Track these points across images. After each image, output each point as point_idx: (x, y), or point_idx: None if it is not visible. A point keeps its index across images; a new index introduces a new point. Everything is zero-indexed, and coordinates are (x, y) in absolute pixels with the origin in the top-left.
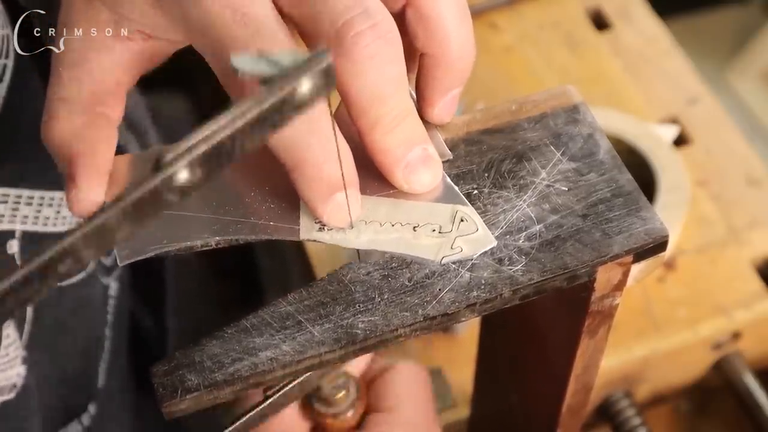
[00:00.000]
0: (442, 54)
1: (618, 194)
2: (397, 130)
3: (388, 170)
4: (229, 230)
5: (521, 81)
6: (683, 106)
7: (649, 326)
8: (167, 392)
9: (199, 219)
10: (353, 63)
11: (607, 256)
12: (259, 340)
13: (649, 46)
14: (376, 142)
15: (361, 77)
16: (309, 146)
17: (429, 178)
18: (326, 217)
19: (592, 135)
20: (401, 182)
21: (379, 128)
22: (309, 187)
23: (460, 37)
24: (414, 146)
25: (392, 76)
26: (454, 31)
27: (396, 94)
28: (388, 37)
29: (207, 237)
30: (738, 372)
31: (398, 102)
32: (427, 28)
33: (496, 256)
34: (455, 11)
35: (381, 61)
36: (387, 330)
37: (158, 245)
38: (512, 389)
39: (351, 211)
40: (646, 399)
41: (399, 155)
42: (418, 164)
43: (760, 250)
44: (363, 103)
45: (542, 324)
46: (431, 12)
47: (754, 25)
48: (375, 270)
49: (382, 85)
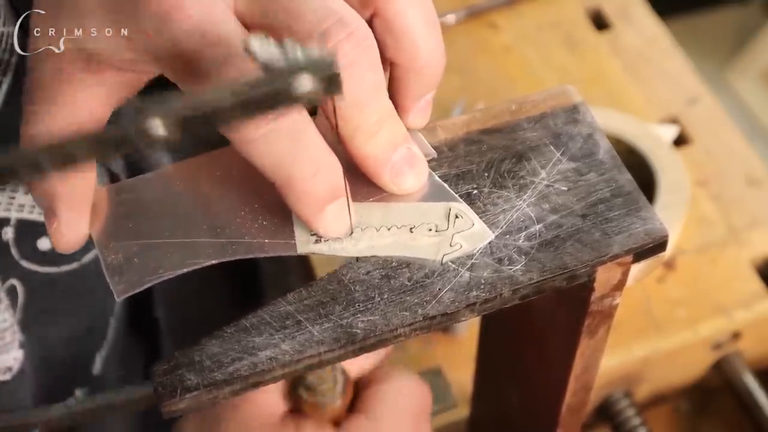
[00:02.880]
0: (411, 63)
1: (618, 194)
2: (379, 134)
3: (374, 174)
4: (224, 252)
5: (521, 81)
6: (683, 106)
7: (649, 326)
8: (166, 392)
9: (193, 245)
10: None
11: (606, 256)
12: (258, 339)
13: (649, 46)
14: (359, 149)
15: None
16: (295, 161)
17: (415, 177)
18: (322, 230)
19: (592, 135)
20: (389, 185)
21: (360, 134)
22: (300, 202)
23: (429, 45)
24: (397, 147)
25: (370, 83)
26: (422, 39)
27: (375, 100)
28: (365, 45)
29: (202, 261)
30: (738, 372)
31: (377, 107)
32: (395, 39)
33: (495, 255)
34: (422, 20)
35: (359, 69)
36: (386, 329)
37: (154, 275)
38: (512, 389)
39: (345, 220)
40: (646, 399)
41: (383, 159)
42: (404, 165)
43: (760, 250)
44: (343, 112)
45: (542, 324)
46: (398, 23)
47: (754, 25)
48: (375, 269)
49: (361, 93)
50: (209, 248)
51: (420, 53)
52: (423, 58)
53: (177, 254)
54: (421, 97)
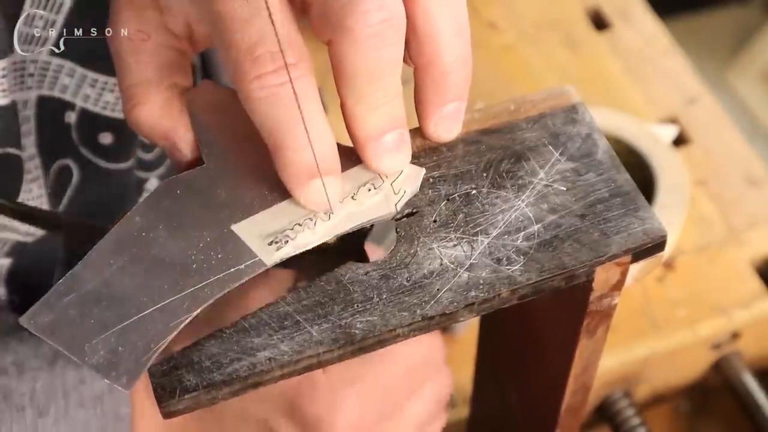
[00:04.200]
0: (430, 67)
1: (616, 194)
2: (381, 109)
3: (360, 146)
4: (201, 299)
5: (520, 81)
6: (683, 106)
7: (649, 326)
8: (165, 392)
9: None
10: (354, 39)
11: (605, 256)
12: (257, 340)
13: (648, 46)
14: (356, 117)
15: (360, 54)
16: (289, 131)
17: (399, 161)
18: (302, 200)
19: (591, 135)
20: (370, 160)
21: (364, 104)
22: (285, 171)
23: (452, 52)
24: (393, 128)
25: (388, 59)
26: (445, 44)
27: (389, 76)
28: (394, 22)
29: (185, 317)
30: (737, 372)
31: (387, 84)
32: (417, 39)
33: (494, 255)
34: (448, 24)
35: (382, 41)
36: (385, 330)
37: (148, 352)
38: (511, 389)
39: (330, 197)
40: (645, 399)
41: (375, 134)
42: (393, 147)
43: (760, 250)
44: (355, 78)
45: (541, 324)
46: (422, 23)
47: (754, 25)
48: (373, 270)
49: (377, 65)
50: (184, 303)
51: (440, 58)
52: (444, 63)
53: (156, 323)
54: (442, 105)
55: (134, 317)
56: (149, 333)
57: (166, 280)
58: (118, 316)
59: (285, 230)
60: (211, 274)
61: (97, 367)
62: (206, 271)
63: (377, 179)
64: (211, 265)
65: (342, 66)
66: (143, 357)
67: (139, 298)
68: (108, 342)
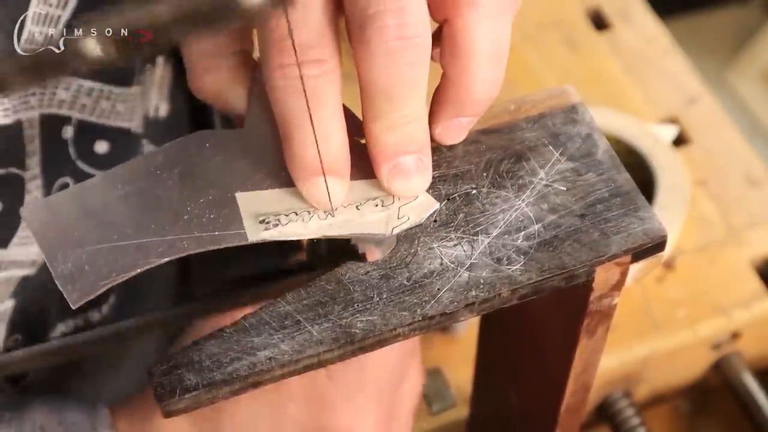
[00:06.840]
0: (458, 80)
1: (616, 194)
2: (398, 131)
3: (374, 161)
4: (176, 249)
5: (520, 81)
6: (683, 106)
7: (649, 326)
8: (166, 392)
9: (143, 245)
10: (368, 53)
11: (605, 256)
12: (257, 339)
13: (648, 46)
14: (372, 133)
15: (375, 70)
16: (300, 125)
17: (413, 186)
18: (304, 194)
19: (591, 135)
20: (382, 179)
21: (380, 122)
22: (291, 162)
23: (483, 74)
24: (408, 151)
25: (407, 79)
26: (478, 65)
27: (407, 97)
28: (413, 41)
29: (155, 260)
30: (737, 372)
31: (408, 105)
32: (452, 51)
33: (494, 255)
34: (487, 45)
35: (400, 60)
36: (385, 329)
37: (107, 279)
38: (511, 389)
39: (332, 197)
40: (645, 399)
41: (390, 153)
42: (407, 171)
43: (760, 250)
44: (372, 94)
45: (541, 324)
46: (461, 38)
47: (754, 25)
48: (373, 269)
49: (395, 84)
50: (159, 246)
51: (470, 77)
52: (472, 82)
53: (128, 257)
54: (456, 116)
55: (112, 243)
56: (117, 263)
57: (155, 221)
58: (99, 238)
59: (280, 214)
60: (196, 230)
61: (59, 275)
62: (193, 226)
63: (388, 197)
64: (201, 222)
65: (360, 77)
66: (100, 282)
67: (125, 228)
68: (79, 257)
